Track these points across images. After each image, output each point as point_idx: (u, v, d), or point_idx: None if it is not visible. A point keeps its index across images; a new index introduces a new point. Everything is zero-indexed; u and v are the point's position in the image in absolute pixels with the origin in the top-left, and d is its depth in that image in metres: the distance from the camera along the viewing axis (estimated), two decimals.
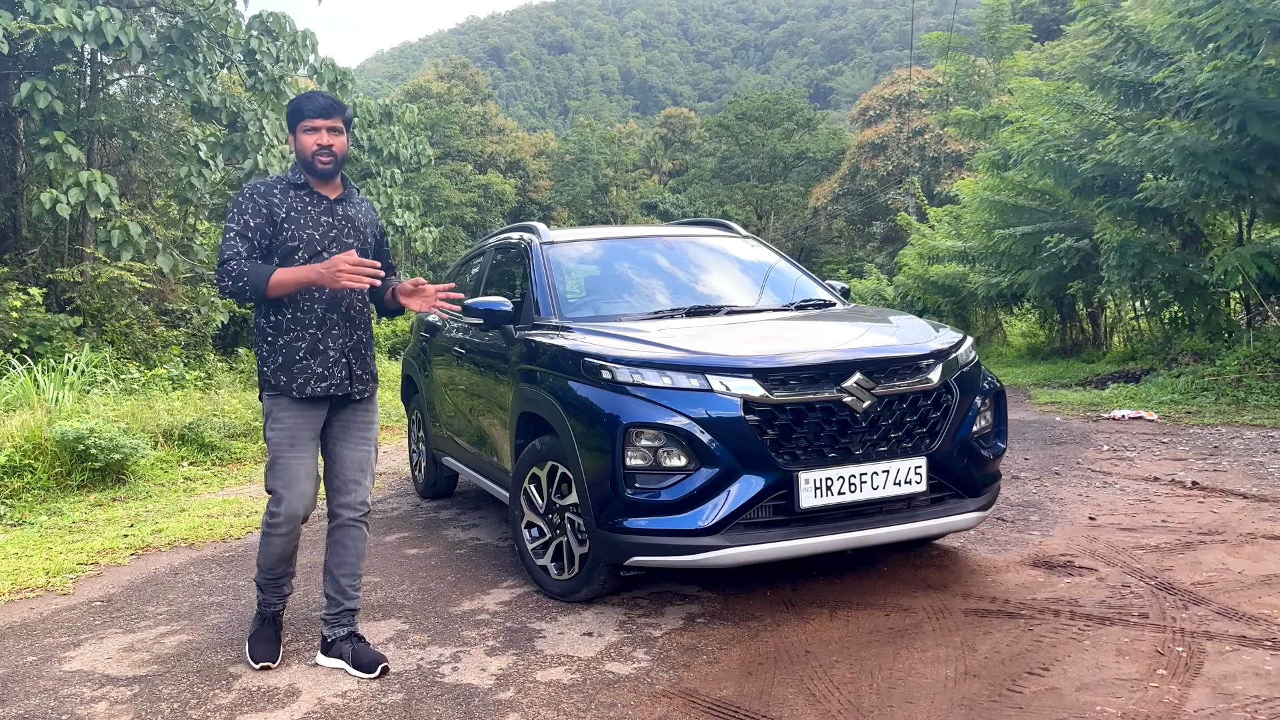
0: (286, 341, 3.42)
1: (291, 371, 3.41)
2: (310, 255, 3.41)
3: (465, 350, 5.35)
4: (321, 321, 3.45)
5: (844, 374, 3.61)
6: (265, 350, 3.46)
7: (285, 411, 3.42)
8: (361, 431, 3.62)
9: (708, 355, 3.67)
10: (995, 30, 17.88)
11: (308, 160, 3.41)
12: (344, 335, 3.49)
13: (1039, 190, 14.11)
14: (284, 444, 3.42)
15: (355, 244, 3.51)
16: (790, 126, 51.30)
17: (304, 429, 3.44)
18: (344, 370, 3.48)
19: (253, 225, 3.37)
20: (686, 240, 5.31)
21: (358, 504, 3.59)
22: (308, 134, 3.40)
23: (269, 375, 3.44)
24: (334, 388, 3.46)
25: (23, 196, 13.34)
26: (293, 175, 3.48)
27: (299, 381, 3.41)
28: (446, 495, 6.50)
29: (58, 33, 11.32)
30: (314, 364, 3.43)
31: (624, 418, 3.57)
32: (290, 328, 3.43)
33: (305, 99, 3.42)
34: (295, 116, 3.42)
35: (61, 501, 6.70)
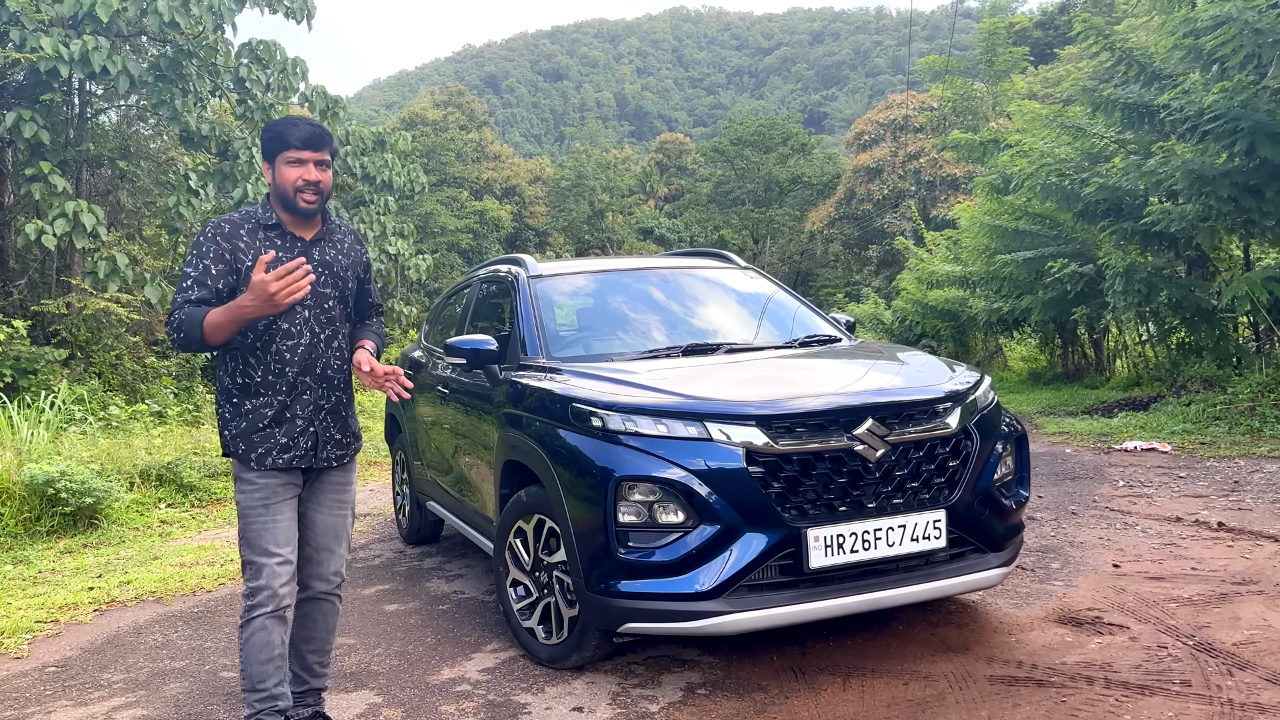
0: (253, 407, 3.02)
1: (251, 440, 3.02)
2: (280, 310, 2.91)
3: (449, 390, 5.05)
4: (293, 386, 3.05)
5: (855, 420, 3.32)
6: (227, 412, 3.07)
7: (255, 473, 3.03)
8: (336, 495, 3.23)
9: (706, 400, 3.38)
10: (992, 54, 17.75)
11: (288, 197, 2.98)
12: (317, 399, 3.09)
13: (1039, 214, 13.90)
14: (256, 507, 3.01)
15: (332, 293, 3.12)
16: (785, 151, 51.29)
17: (278, 490, 3.04)
18: (310, 440, 3.08)
19: (213, 271, 2.95)
20: (682, 272, 5.02)
21: (330, 575, 3.24)
22: (291, 166, 2.97)
23: (229, 441, 3.05)
24: (298, 460, 3.06)
25: (10, 227, 13.10)
26: (263, 213, 3.04)
27: (259, 452, 3.01)
28: (432, 541, 6.18)
29: (44, 62, 11.13)
30: (278, 433, 3.03)
31: (616, 470, 3.27)
32: (258, 391, 3.03)
33: (289, 125, 2.99)
34: (277, 145, 2.98)
35: (29, 549, 6.37)
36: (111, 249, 11.97)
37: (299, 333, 3.03)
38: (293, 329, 3.02)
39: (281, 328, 3.01)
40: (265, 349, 3.00)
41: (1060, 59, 37.18)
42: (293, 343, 3.02)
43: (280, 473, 3.04)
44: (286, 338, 3.01)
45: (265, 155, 3.03)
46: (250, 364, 3.02)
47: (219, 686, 3.83)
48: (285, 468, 3.03)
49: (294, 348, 3.03)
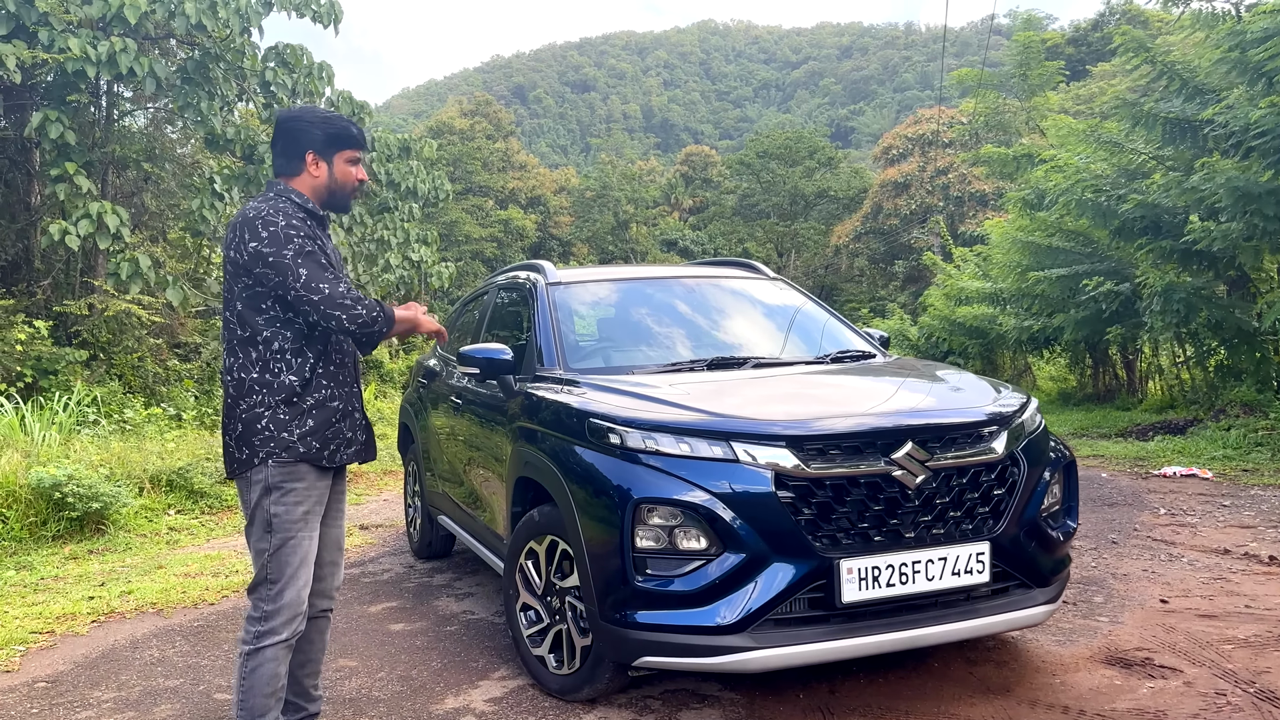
0: (319, 400, 2.87)
1: (325, 436, 2.86)
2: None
3: (462, 401, 4.85)
4: (352, 377, 3.02)
5: (894, 443, 3.08)
6: (284, 412, 2.81)
7: (302, 482, 2.82)
8: (340, 504, 3.13)
9: (732, 418, 3.15)
10: (1026, 68, 17.40)
11: (343, 194, 2.97)
12: (360, 393, 3.08)
13: (1073, 231, 13.58)
14: (298, 521, 2.81)
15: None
16: (812, 165, 51.06)
17: (318, 504, 2.90)
18: (365, 433, 3.05)
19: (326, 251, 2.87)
20: (708, 282, 4.80)
21: (333, 591, 3.11)
22: (352, 165, 2.96)
23: (293, 441, 2.80)
24: (360, 455, 3.03)
25: (36, 228, 13.11)
26: (303, 202, 2.91)
27: (332, 447, 2.88)
28: (443, 556, 5.97)
29: (71, 63, 11.12)
30: (344, 427, 2.94)
31: (635, 491, 3.04)
32: (323, 384, 2.89)
33: (349, 123, 2.97)
34: (340, 142, 2.93)
35: (34, 554, 6.23)
36: (134, 250, 11.91)
37: None
38: None
39: None
40: (329, 340, 2.92)
41: (1093, 75, 36.82)
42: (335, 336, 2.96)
43: (328, 478, 2.93)
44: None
45: (318, 146, 2.91)
46: (319, 353, 2.89)
47: (212, 710, 3.63)
48: (350, 462, 2.99)
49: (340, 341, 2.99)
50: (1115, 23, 45.94)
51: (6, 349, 11.46)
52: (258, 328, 2.81)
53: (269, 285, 2.77)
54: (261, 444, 2.80)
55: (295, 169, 2.92)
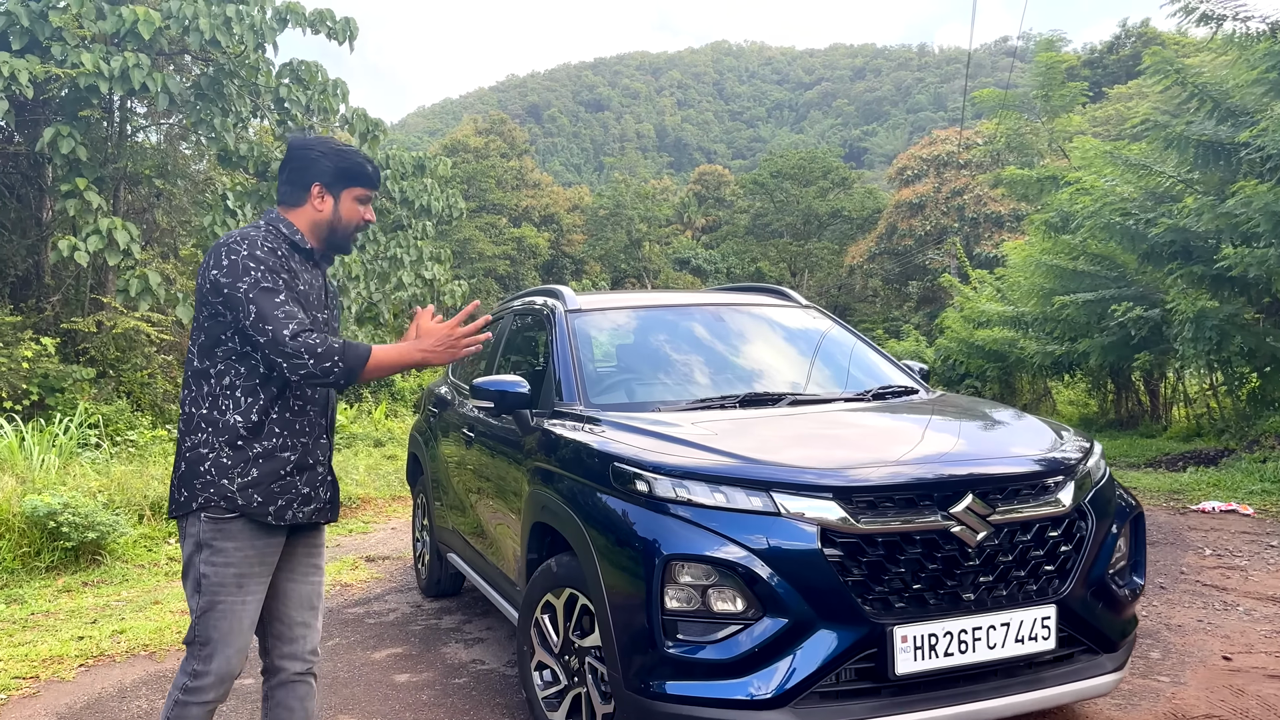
0: (268, 449, 2.58)
1: (270, 491, 2.57)
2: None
3: (474, 433, 4.57)
4: (314, 426, 2.70)
5: (953, 495, 2.78)
6: (228, 456, 2.55)
7: (236, 541, 2.55)
8: (311, 559, 2.83)
9: (772, 465, 2.86)
10: (1048, 89, 17.13)
11: (345, 234, 2.75)
12: (329, 445, 2.78)
13: (1099, 255, 13.27)
14: (229, 585, 2.56)
15: (336, 325, 2.86)
16: (825, 185, 50.86)
17: (259, 565, 2.61)
18: (329, 490, 2.77)
19: (291, 285, 2.58)
20: (737, 310, 4.51)
21: (308, 654, 2.79)
22: (360, 204, 2.75)
23: (232, 491, 2.53)
24: (318, 513, 2.71)
25: (46, 243, 12.97)
26: (290, 233, 2.68)
27: (278, 505, 2.59)
28: (452, 594, 5.68)
29: (83, 78, 10.99)
30: (299, 482, 2.64)
31: (664, 546, 2.75)
32: (276, 431, 2.59)
33: (364, 160, 2.74)
34: (350, 179, 2.71)
35: (26, 586, 5.97)
36: (144, 267, 11.74)
37: None
38: None
39: None
40: (288, 382, 2.60)
41: (1109, 98, 36.58)
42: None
43: (271, 536, 2.61)
44: None
45: (327, 179, 2.69)
46: (271, 396, 2.60)
47: None
48: (305, 523, 2.67)
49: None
50: (1131, 45, 45.76)
51: (13, 366, 11.28)
52: (213, 360, 2.59)
53: (227, 318, 2.55)
54: (201, 488, 2.55)
55: (298, 199, 2.71)
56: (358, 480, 9.48)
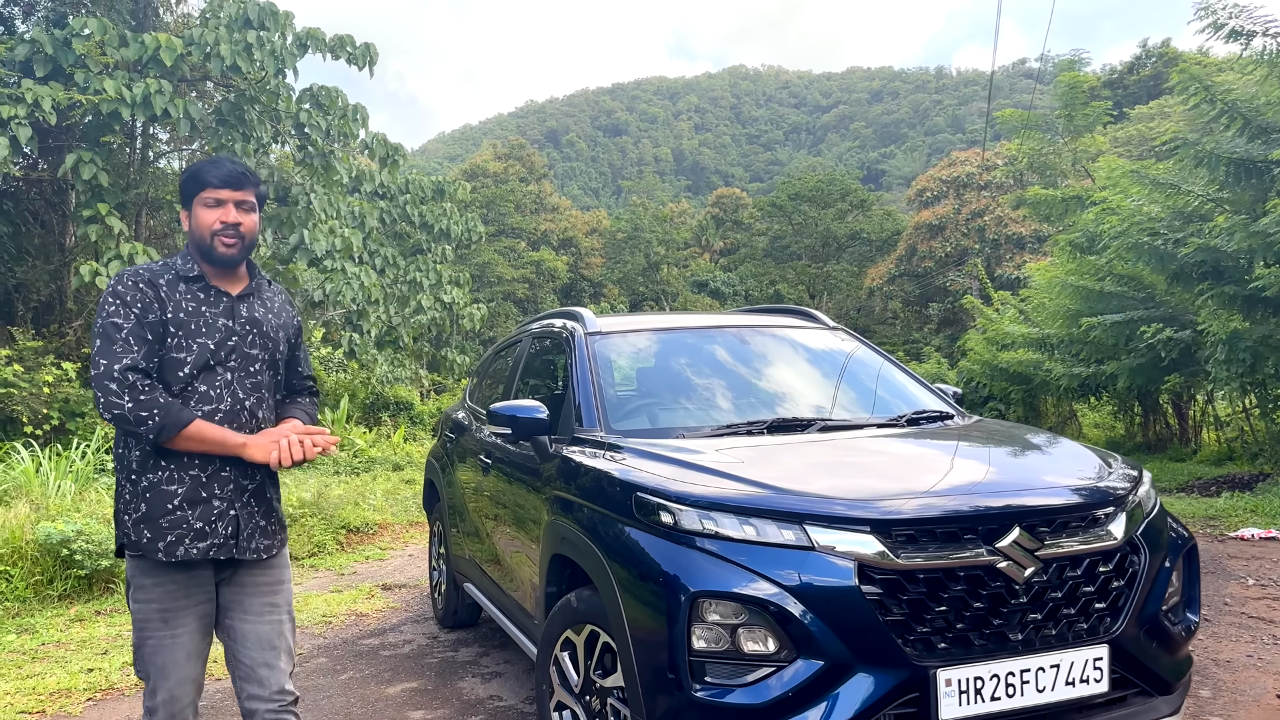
0: (156, 481, 2.53)
1: (159, 526, 2.51)
2: (200, 369, 2.57)
3: (491, 460, 4.43)
4: (208, 459, 2.56)
5: (998, 528, 2.62)
6: (128, 492, 2.56)
7: (154, 577, 2.54)
8: (266, 598, 2.71)
9: (805, 496, 2.71)
10: (1071, 109, 16.95)
11: (205, 243, 2.60)
12: (238, 477, 2.62)
13: (1125, 276, 13.05)
14: (154, 620, 2.55)
15: (260, 354, 2.70)
16: (844, 207, 50.77)
17: (184, 598, 2.57)
18: (230, 525, 2.59)
19: (148, 321, 2.52)
20: (762, 332, 4.36)
21: (274, 694, 2.68)
22: (209, 208, 2.60)
23: (129, 528, 2.53)
24: (216, 549, 2.58)
25: (69, 269, 13.03)
26: (183, 264, 2.63)
27: (168, 540, 2.52)
28: (470, 624, 5.53)
29: (106, 104, 11.06)
30: (191, 516, 2.54)
31: (691, 583, 2.60)
32: (163, 464, 2.53)
33: (209, 164, 2.63)
34: (194, 185, 2.62)
35: (37, 615, 5.87)
36: None
37: (219, 397, 2.59)
38: (212, 392, 2.58)
39: (199, 390, 2.57)
40: None
41: (1131, 118, 36.35)
42: (211, 408, 2.57)
43: (185, 571, 2.57)
44: (205, 401, 2.57)
45: (183, 201, 2.66)
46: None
47: None
48: (200, 559, 2.56)
49: (212, 414, 2.57)
50: (1152, 65, 45.53)
51: (34, 390, 11.29)
52: None
53: None
54: (118, 527, 2.59)
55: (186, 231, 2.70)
56: (375, 505, 9.36)
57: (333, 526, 8.27)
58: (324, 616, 5.86)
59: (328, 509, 8.49)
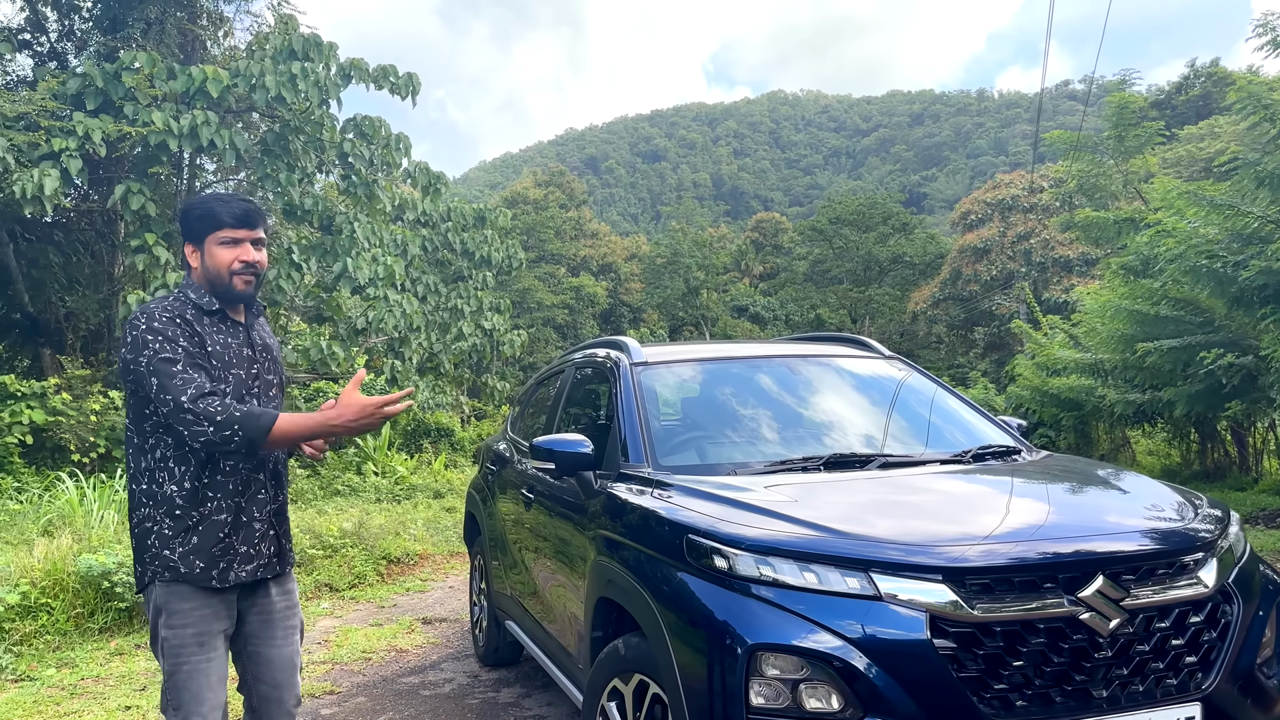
0: (204, 514, 2.62)
1: (212, 554, 2.62)
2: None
3: (534, 495, 4.30)
4: (247, 484, 2.70)
5: (1081, 576, 2.43)
6: (169, 526, 2.61)
7: (191, 602, 2.62)
8: (288, 621, 2.87)
9: (870, 540, 2.53)
10: (1121, 130, 16.60)
11: (223, 281, 2.67)
12: (270, 499, 2.77)
13: (1181, 299, 12.66)
14: (189, 644, 2.61)
15: (273, 379, 2.84)
16: (885, 230, 50.32)
17: (215, 623, 2.67)
18: (271, 545, 2.77)
19: (192, 350, 2.60)
20: (815, 362, 4.19)
21: (293, 706, 2.87)
22: (225, 247, 2.67)
23: (174, 560, 2.59)
24: (263, 569, 2.74)
25: (118, 298, 13.21)
26: (198, 297, 2.70)
27: (220, 568, 2.63)
28: (511, 663, 5.38)
29: (154, 136, 11.22)
30: (236, 541, 2.67)
31: (749, 635, 2.43)
32: (210, 496, 2.63)
33: (219, 201, 2.69)
34: (206, 224, 2.67)
35: (78, 649, 5.82)
36: None
37: None
38: None
39: None
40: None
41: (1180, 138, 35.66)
42: None
43: (220, 595, 2.68)
44: None
45: (190, 236, 2.72)
46: (199, 464, 2.64)
47: None
48: (250, 580, 2.71)
49: None
50: (1201, 85, 44.72)
51: (82, 419, 11.41)
52: (144, 434, 2.66)
53: (141, 393, 2.62)
54: (150, 560, 2.64)
55: (188, 263, 2.76)
56: (415, 535, 9.27)
57: (373, 557, 8.18)
58: (364, 652, 5.75)
59: (368, 539, 8.42)
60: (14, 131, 10.41)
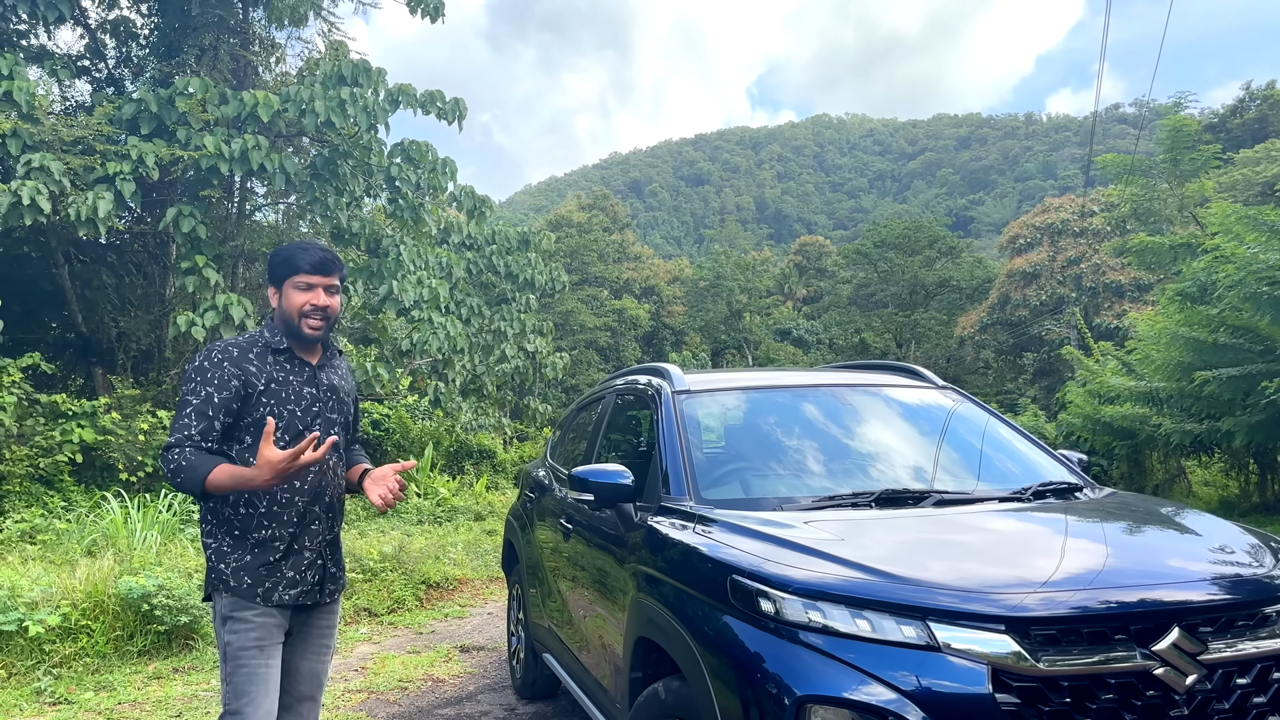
0: (260, 539, 2.86)
1: (259, 574, 2.85)
2: (291, 435, 2.88)
3: (572, 525, 4.20)
4: (302, 515, 2.92)
5: (1155, 628, 2.27)
6: (227, 545, 2.87)
7: (250, 611, 2.85)
8: (323, 639, 3.09)
9: (927, 586, 2.38)
10: (1176, 153, 16.23)
11: (293, 323, 2.89)
12: (324, 530, 2.99)
13: (1240, 327, 12.27)
14: (250, 649, 2.82)
15: (337, 418, 3.03)
16: (931, 254, 49.74)
17: (274, 630, 2.89)
18: (318, 574, 2.97)
19: (217, 400, 2.80)
20: (865, 391, 4.04)
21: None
22: (300, 291, 2.88)
23: (227, 575, 2.84)
24: (304, 595, 2.93)
25: (168, 319, 13.41)
26: (271, 336, 2.94)
27: (266, 586, 2.86)
28: (548, 696, 5.27)
29: (205, 159, 11.39)
30: (285, 566, 2.89)
31: (796, 686, 2.30)
32: (264, 523, 2.86)
33: (299, 249, 2.91)
34: (286, 269, 2.90)
35: (116, 672, 5.81)
36: None
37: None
38: None
39: None
40: None
41: (1236, 162, 34.87)
42: (305, 471, 2.88)
43: (278, 611, 2.89)
44: None
45: (273, 280, 2.95)
46: (258, 493, 2.84)
47: None
48: (292, 604, 2.92)
49: (305, 476, 2.91)
50: (1257, 108, 43.76)
51: (130, 438, 11.56)
52: None
53: None
54: (212, 573, 2.87)
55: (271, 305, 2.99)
56: (455, 560, 9.22)
57: (413, 581, 8.13)
58: (400, 681, 5.67)
59: (408, 563, 8.37)
60: (71, 155, 10.63)
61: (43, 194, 9.80)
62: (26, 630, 5.65)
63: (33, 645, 5.72)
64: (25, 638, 5.68)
